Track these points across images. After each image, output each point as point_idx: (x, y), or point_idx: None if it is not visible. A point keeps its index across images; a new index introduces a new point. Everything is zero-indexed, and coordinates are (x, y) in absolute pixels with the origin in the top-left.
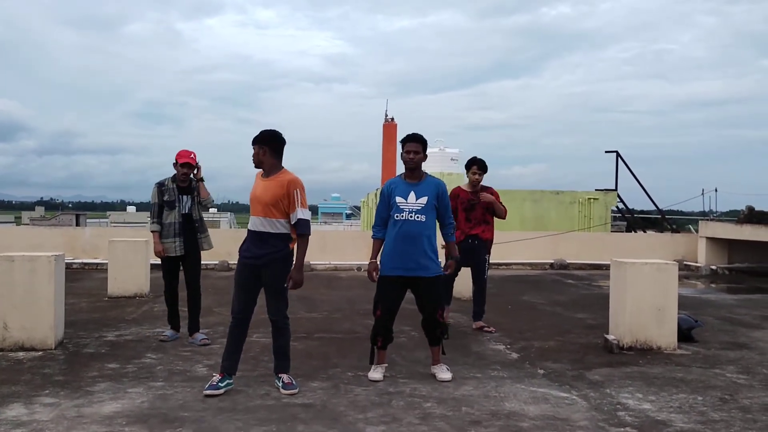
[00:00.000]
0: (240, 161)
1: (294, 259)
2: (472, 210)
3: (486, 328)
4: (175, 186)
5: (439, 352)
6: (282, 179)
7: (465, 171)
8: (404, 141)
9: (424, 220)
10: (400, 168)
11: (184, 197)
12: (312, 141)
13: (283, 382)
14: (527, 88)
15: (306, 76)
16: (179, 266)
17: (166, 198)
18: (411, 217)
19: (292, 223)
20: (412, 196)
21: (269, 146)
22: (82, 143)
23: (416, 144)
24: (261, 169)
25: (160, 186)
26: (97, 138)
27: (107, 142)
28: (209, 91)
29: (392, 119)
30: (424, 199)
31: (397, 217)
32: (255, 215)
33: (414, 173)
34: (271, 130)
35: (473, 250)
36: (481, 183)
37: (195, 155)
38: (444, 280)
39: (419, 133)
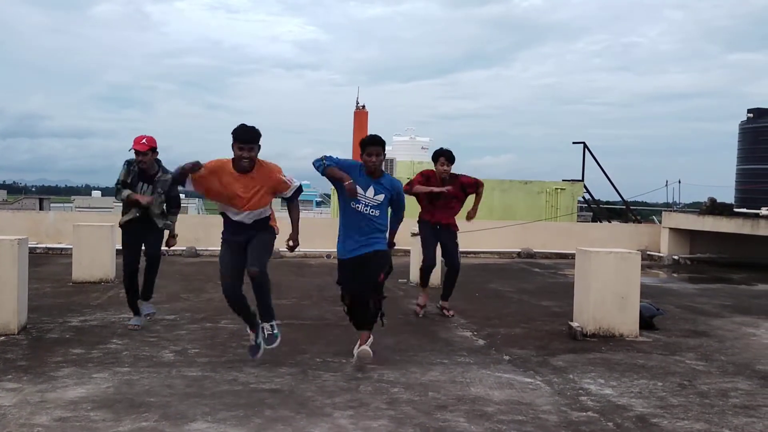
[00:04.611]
0: (209, 147)
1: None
2: (437, 198)
3: (446, 311)
4: (137, 169)
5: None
6: (266, 171)
7: (433, 163)
8: (365, 144)
9: (378, 215)
10: None
11: (144, 185)
12: (283, 127)
13: (266, 333)
14: (498, 78)
15: (277, 62)
16: (140, 245)
17: (128, 180)
18: (366, 210)
19: (291, 194)
20: (371, 190)
21: (259, 144)
22: (48, 126)
23: (377, 147)
24: (235, 165)
25: (129, 165)
26: (63, 121)
27: (73, 125)
28: (178, 76)
29: (363, 107)
30: (381, 197)
31: (353, 205)
32: (244, 210)
33: (375, 173)
34: (252, 126)
35: (440, 233)
36: (451, 172)
37: (148, 139)
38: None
39: (377, 134)
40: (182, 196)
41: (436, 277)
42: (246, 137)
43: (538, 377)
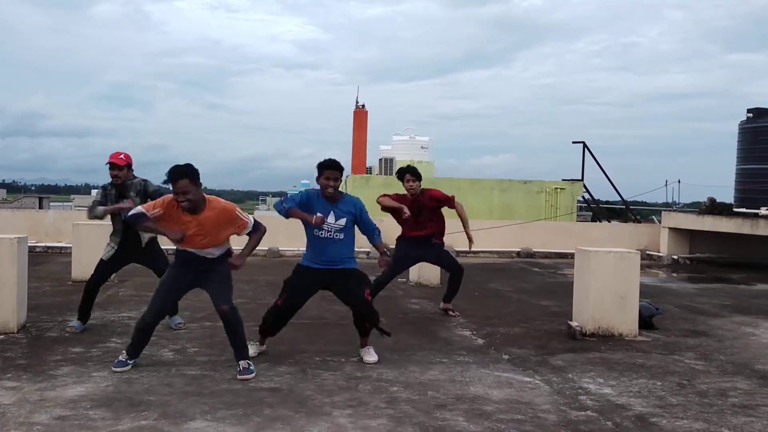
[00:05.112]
0: (209, 146)
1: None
2: (419, 214)
3: (451, 312)
4: (113, 191)
5: (368, 339)
6: (218, 211)
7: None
8: (323, 167)
9: (342, 238)
10: (371, 155)
11: (123, 201)
12: (283, 127)
13: (241, 367)
14: (498, 78)
15: (277, 62)
16: (120, 266)
17: (105, 203)
18: (330, 236)
19: (248, 232)
20: (332, 216)
21: (197, 180)
22: (49, 125)
23: (335, 172)
24: (184, 207)
25: (104, 189)
26: (63, 120)
27: (73, 125)
28: (178, 75)
29: (363, 106)
30: (343, 221)
31: (316, 233)
32: (197, 249)
33: (333, 198)
34: (186, 164)
35: (428, 249)
36: (421, 187)
37: (126, 155)
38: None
39: (335, 159)
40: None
41: (435, 276)
42: (175, 175)
43: (537, 376)
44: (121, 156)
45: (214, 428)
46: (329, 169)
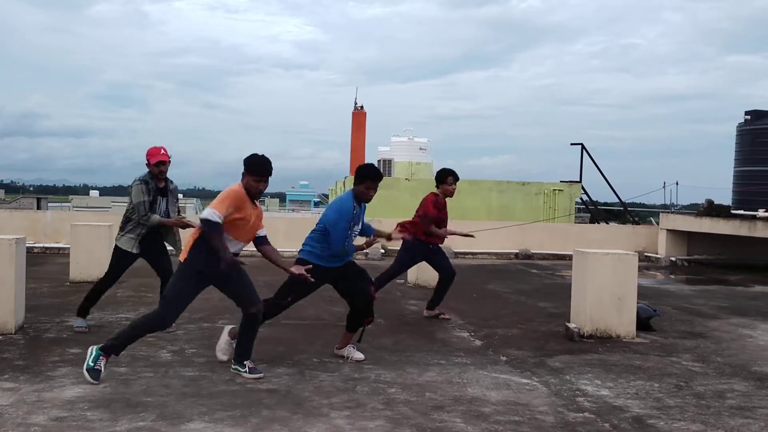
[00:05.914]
0: (208, 147)
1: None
2: (442, 224)
3: (443, 316)
4: (153, 184)
5: (352, 337)
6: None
7: (437, 182)
8: (370, 177)
9: (357, 236)
10: (369, 156)
11: (162, 200)
12: (281, 127)
13: (248, 367)
14: (496, 79)
15: (276, 62)
16: (130, 265)
17: (150, 199)
18: (354, 236)
19: (264, 234)
20: (357, 218)
21: None
22: (47, 125)
23: (378, 183)
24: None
25: (147, 184)
26: (62, 120)
27: (72, 124)
28: (176, 75)
29: (361, 107)
30: (360, 224)
31: (349, 233)
32: (244, 240)
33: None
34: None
35: (432, 254)
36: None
37: (165, 150)
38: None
39: (378, 169)
40: (180, 195)
41: (434, 277)
42: (267, 171)
43: (534, 378)
44: (162, 151)
45: (212, 429)
46: (374, 180)
